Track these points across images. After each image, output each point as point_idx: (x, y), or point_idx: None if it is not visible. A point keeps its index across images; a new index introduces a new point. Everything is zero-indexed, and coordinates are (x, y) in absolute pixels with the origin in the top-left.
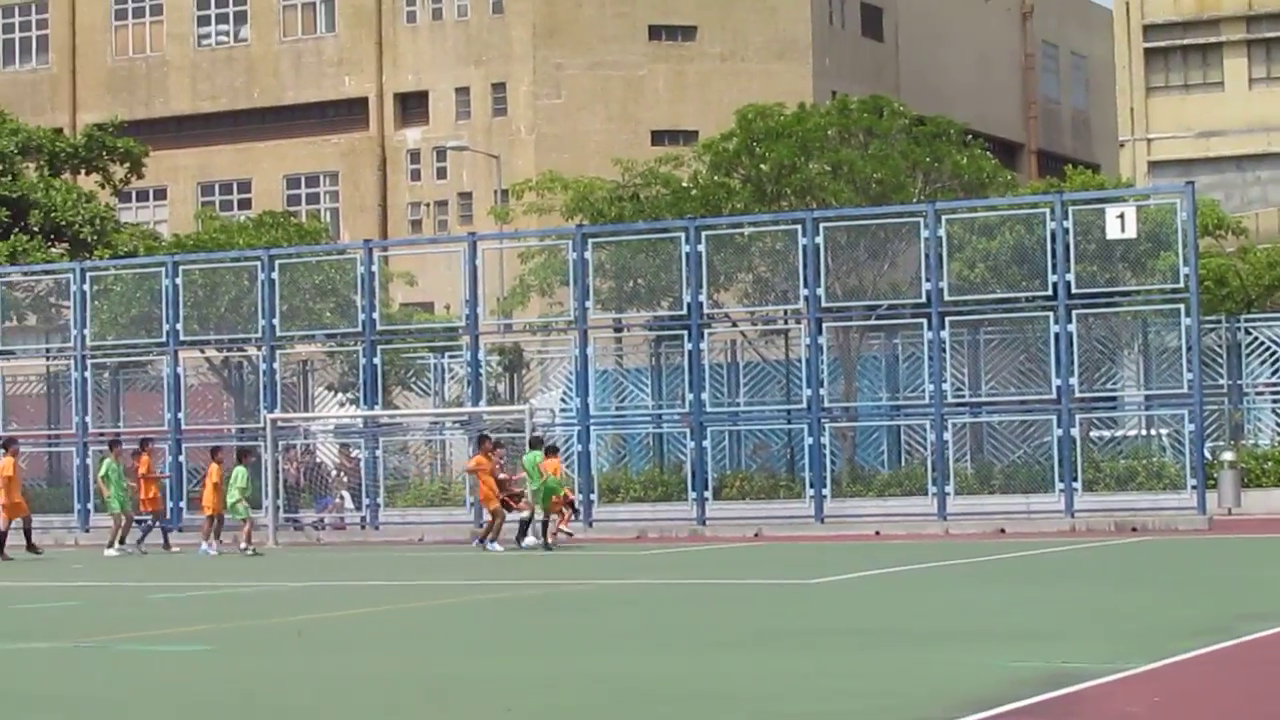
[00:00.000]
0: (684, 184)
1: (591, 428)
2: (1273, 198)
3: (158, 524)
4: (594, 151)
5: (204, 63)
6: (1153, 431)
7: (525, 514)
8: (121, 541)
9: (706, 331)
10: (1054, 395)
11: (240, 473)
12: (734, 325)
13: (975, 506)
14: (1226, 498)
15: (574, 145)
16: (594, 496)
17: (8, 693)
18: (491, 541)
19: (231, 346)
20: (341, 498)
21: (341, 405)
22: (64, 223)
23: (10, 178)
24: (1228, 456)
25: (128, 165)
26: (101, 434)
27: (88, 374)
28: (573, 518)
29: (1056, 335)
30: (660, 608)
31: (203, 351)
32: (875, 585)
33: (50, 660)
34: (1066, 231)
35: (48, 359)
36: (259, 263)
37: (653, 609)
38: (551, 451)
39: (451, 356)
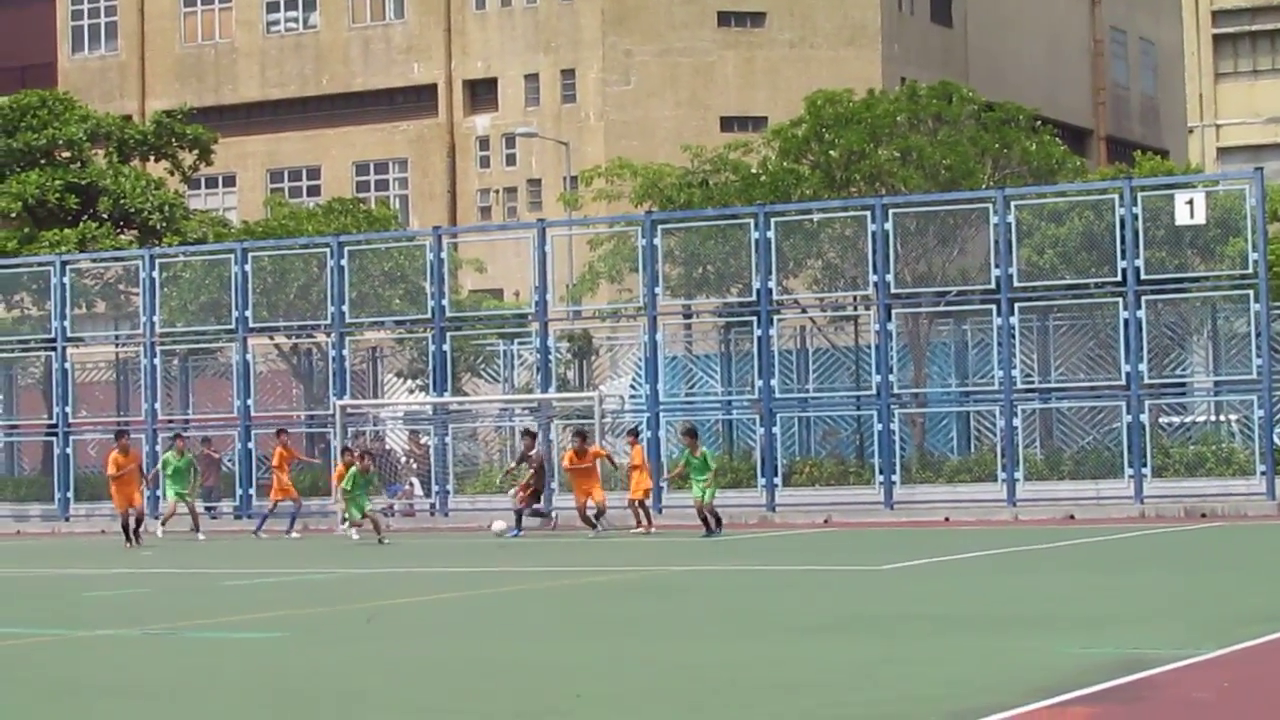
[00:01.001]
0: (753, 170)
1: (661, 414)
2: None
3: (292, 512)
4: (663, 138)
5: (273, 49)
6: (1221, 417)
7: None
8: (164, 524)
9: (776, 318)
10: (1123, 381)
11: (351, 474)
12: (803, 311)
13: (1045, 492)
14: None
15: (643, 132)
16: (664, 483)
17: (76, 681)
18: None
19: (301, 333)
20: (411, 485)
21: (411, 392)
22: (133, 210)
23: (79, 165)
24: None
25: (196, 152)
26: (171, 421)
27: (157, 361)
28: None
29: (1126, 321)
30: (730, 594)
31: (272, 338)
32: (945, 571)
33: (119, 648)
34: (1136, 217)
35: (117, 346)
36: (328, 249)
37: (723, 595)
38: (633, 433)
39: (521, 343)
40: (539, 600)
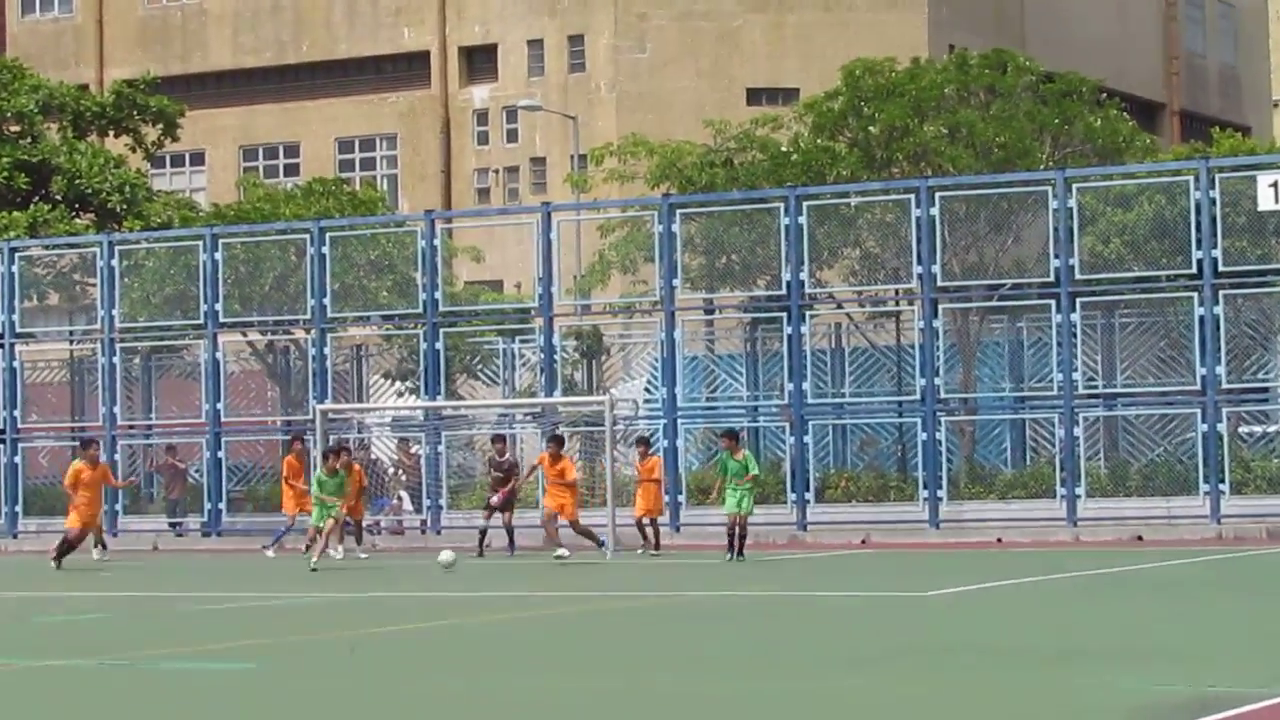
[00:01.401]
0: (783, 148)
1: (679, 421)
2: None
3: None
4: (682, 112)
5: (247, 12)
6: None
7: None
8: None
9: (808, 314)
10: (1198, 386)
11: (315, 477)
12: (839, 307)
13: (1109, 510)
14: None
15: (660, 105)
16: (682, 498)
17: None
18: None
19: (277, 329)
20: (399, 499)
21: (400, 395)
22: (90, 190)
23: (30, 140)
24: None
25: (161, 126)
26: (132, 427)
27: (116, 359)
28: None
29: (1201, 318)
30: (758, 622)
31: (245, 335)
32: (998, 598)
33: (73, 681)
34: (1213, 202)
35: (71, 343)
36: (308, 235)
37: (748, 625)
38: (643, 443)
39: (523, 341)
40: (544, 628)
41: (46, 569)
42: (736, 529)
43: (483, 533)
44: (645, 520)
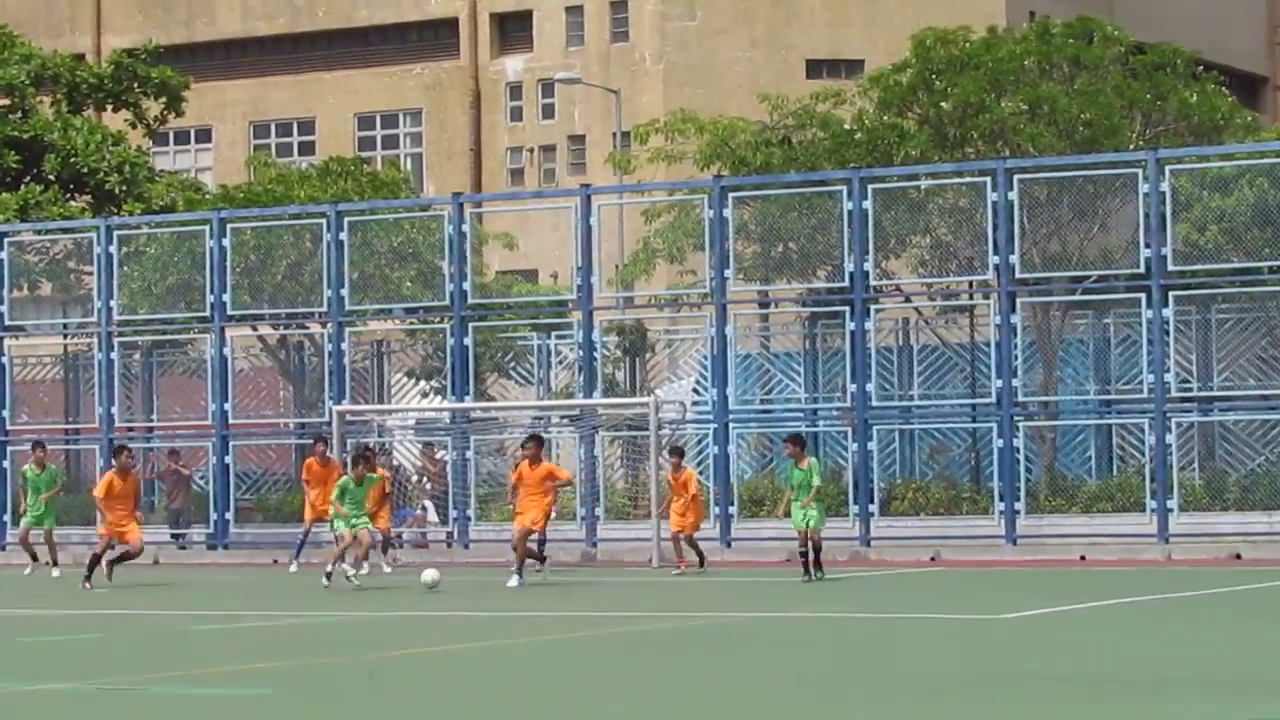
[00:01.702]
0: (846, 126)
1: (731, 425)
2: None
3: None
4: (735, 86)
5: None
6: None
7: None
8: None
9: (873, 308)
10: None
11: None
12: (907, 300)
13: (1205, 526)
14: None
15: (711, 78)
16: (734, 510)
17: None
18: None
19: (290, 323)
20: (423, 509)
21: (424, 396)
22: (86, 170)
23: (21, 115)
24: None
25: (164, 100)
26: (131, 429)
27: (114, 355)
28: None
29: None
30: (816, 648)
31: (255, 329)
32: (1081, 622)
33: (70, 707)
34: None
35: (66, 337)
36: (324, 220)
37: (807, 649)
38: (677, 453)
39: (559, 337)
40: (581, 651)
41: (43, 582)
42: (810, 546)
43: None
44: (681, 537)
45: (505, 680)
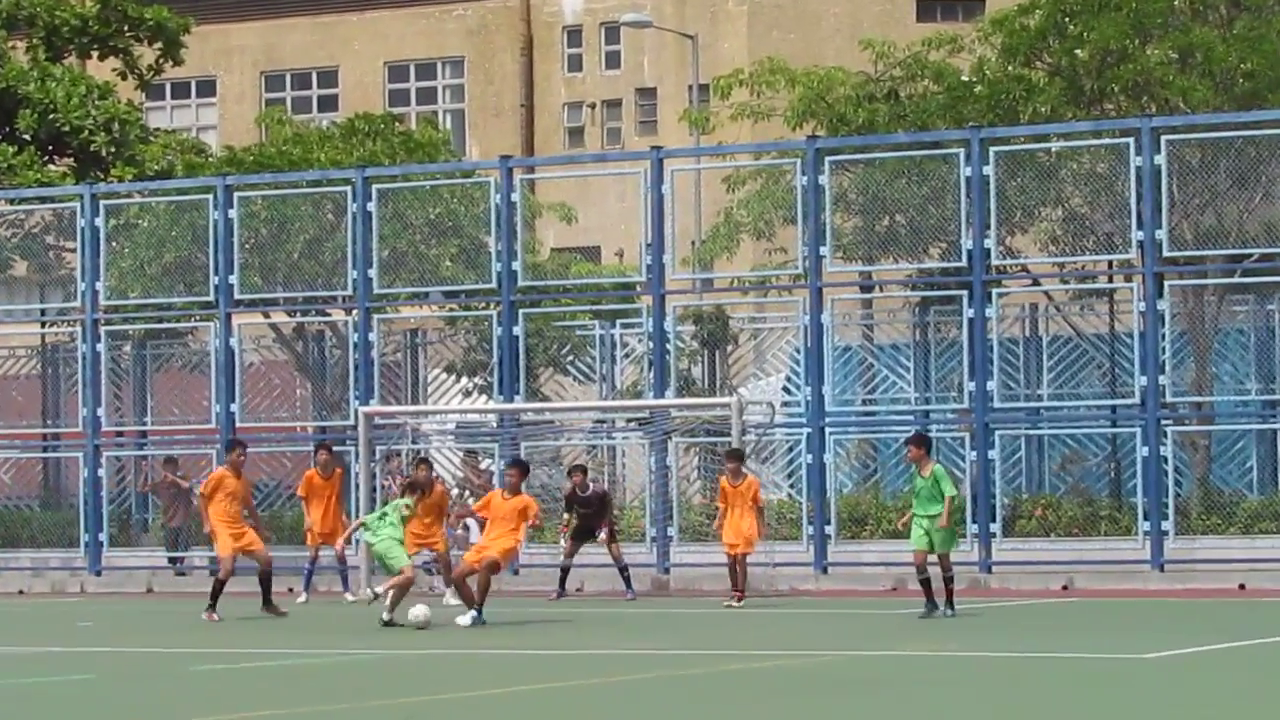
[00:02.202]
0: (964, 77)
1: (828, 430)
2: None
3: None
4: (833, 31)
5: None
6: None
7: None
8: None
9: (995, 292)
10: None
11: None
12: (1035, 283)
13: None
14: None
15: (804, 21)
16: (830, 529)
17: None
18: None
19: (308, 309)
20: (465, 528)
21: (467, 395)
22: (67, 128)
23: None
24: None
25: (160, 46)
26: (120, 432)
27: (101, 347)
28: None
29: None
30: (926, 691)
31: (267, 316)
32: (1239, 661)
33: None
34: None
35: (43, 325)
36: (349, 188)
37: (915, 692)
38: (736, 458)
39: (625, 326)
40: (651, 696)
41: (19, 614)
42: (932, 572)
43: (565, 571)
44: (737, 558)
45: None
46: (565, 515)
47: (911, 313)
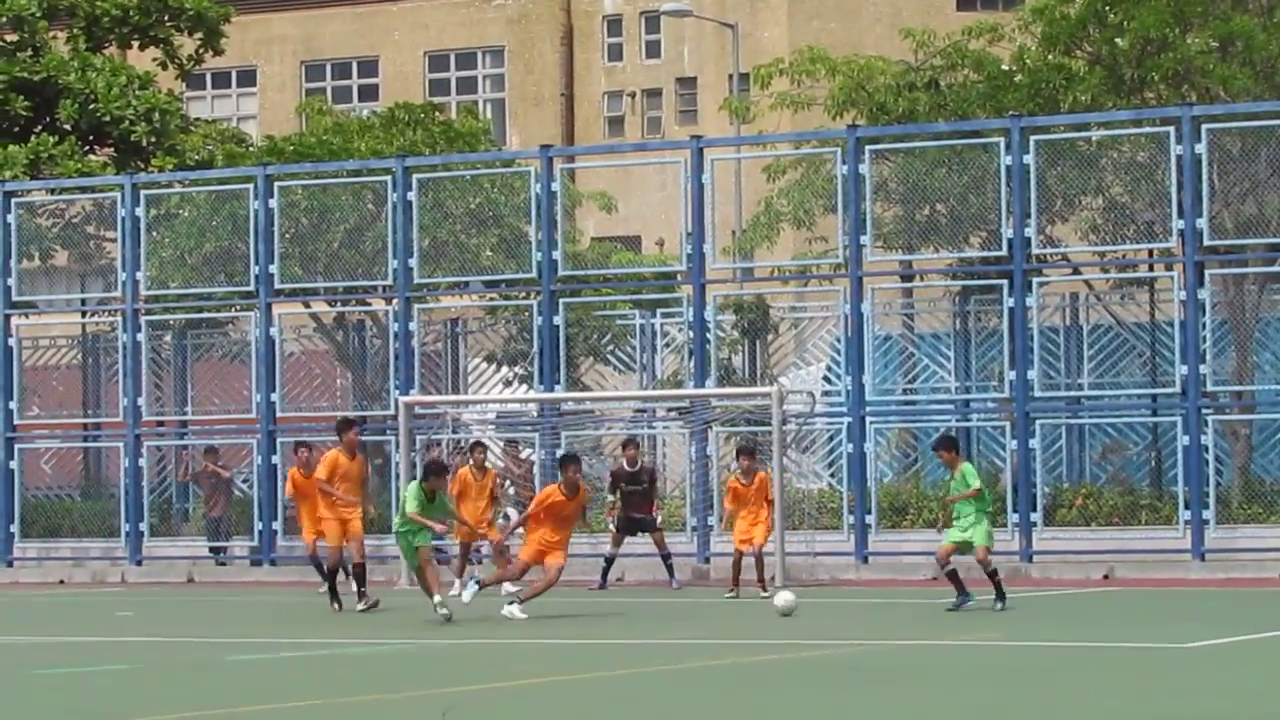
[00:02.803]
0: (1004, 66)
1: (868, 420)
2: None
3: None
4: (873, 20)
5: None
6: None
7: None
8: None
9: (1036, 281)
10: None
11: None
12: (1076, 272)
13: None
14: None
15: (845, 10)
16: (871, 519)
17: None
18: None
19: (349, 299)
20: (506, 517)
21: (507, 385)
22: (108, 118)
23: (31, 53)
24: None
25: (200, 36)
26: (161, 423)
27: (141, 337)
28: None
29: None
30: (968, 681)
31: (307, 305)
32: (1278, 653)
33: None
34: None
35: (84, 315)
36: (389, 178)
37: (958, 683)
38: (747, 454)
39: (666, 315)
40: (693, 685)
41: (56, 604)
42: (984, 567)
43: (609, 561)
44: (750, 552)
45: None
46: (609, 499)
47: (952, 302)
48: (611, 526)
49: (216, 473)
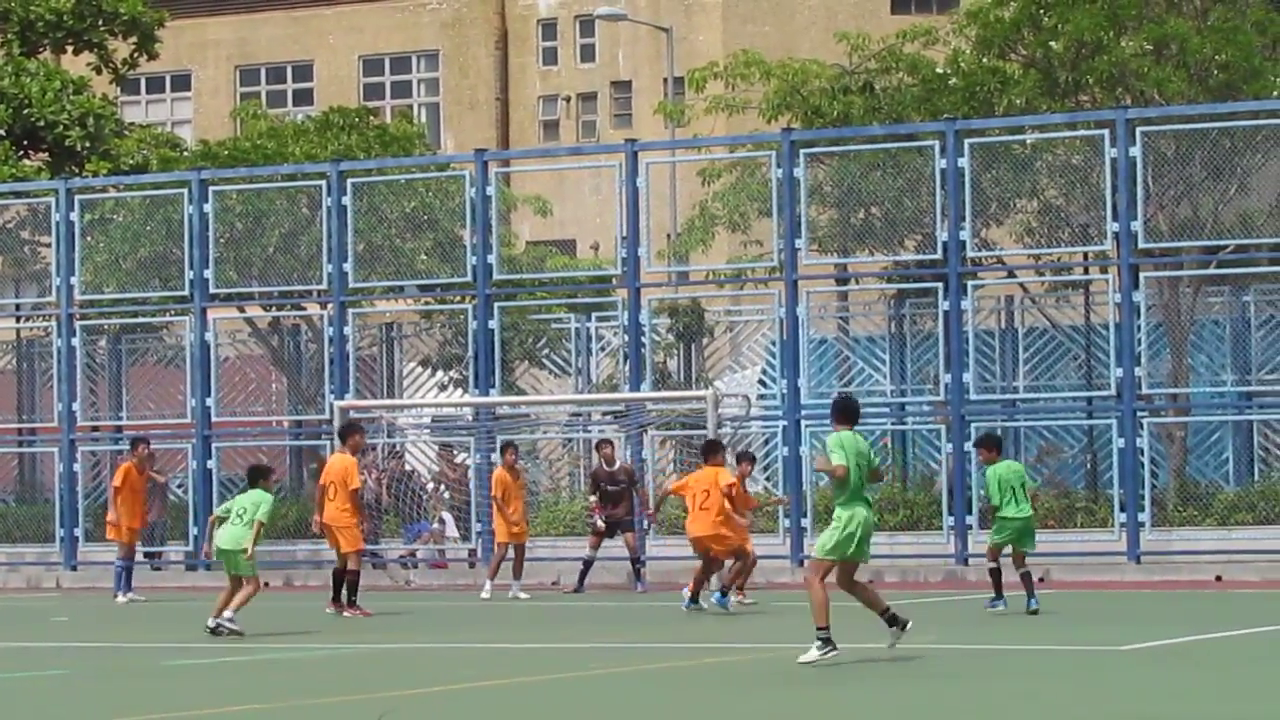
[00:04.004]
0: (939, 69)
1: (803, 423)
2: None
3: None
4: (808, 23)
5: None
6: None
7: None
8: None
9: (971, 284)
10: None
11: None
12: (1011, 275)
13: None
14: None
15: (779, 14)
16: (807, 522)
17: None
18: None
19: (284, 303)
20: (441, 522)
21: (442, 389)
22: (42, 123)
23: None
24: None
25: (134, 40)
26: (96, 427)
27: (76, 342)
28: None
29: None
30: (901, 683)
31: (242, 310)
32: (1214, 654)
33: None
34: None
35: (18, 321)
36: (324, 182)
37: (891, 685)
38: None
39: (601, 319)
40: (626, 689)
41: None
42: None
43: (587, 565)
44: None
45: None
46: (592, 498)
47: (887, 305)
48: (599, 523)
49: (151, 478)
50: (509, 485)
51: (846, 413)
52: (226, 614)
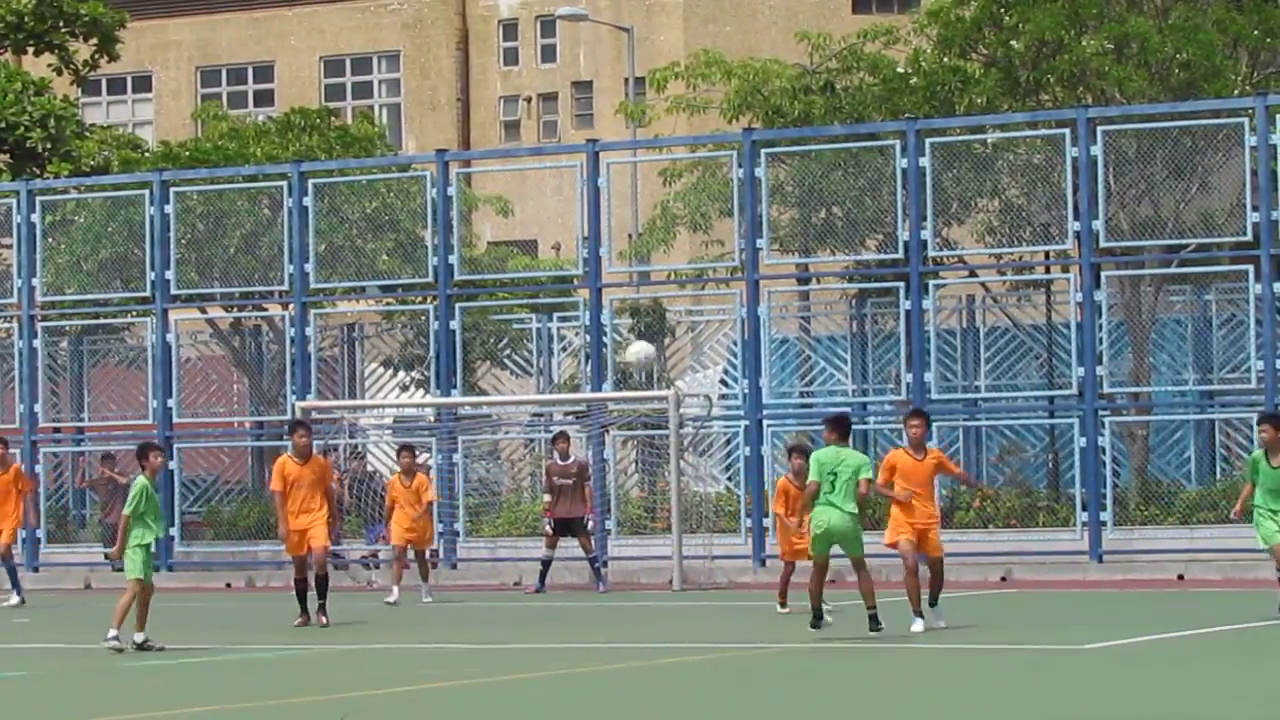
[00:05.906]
0: (900, 69)
1: (765, 422)
2: None
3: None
4: (769, 23)
5: None
6: None
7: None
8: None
9: (932, 283)
10: None
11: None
12: (972, 275)
13: None
14: None
15: (740, 14)
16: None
17: None
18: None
19: (245, 304)
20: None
21: (404, 390)
22: (3, 124)
23: None
24: None
25: (95, 41)
26: (58, 429)
27: (37, 343)
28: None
29: None
30: (863, 683)
31: (204, 311)
32: (1176, 653)
33: None
34: None
35: None
36: (285, 183)
37: (853, 685)
38: (801, 454)
39: (563, 319)
40: (585, 689)
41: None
42: None
43: (545, 564)
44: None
45: None
46: (545, 497)
47: (849, 305)
48: (547, 527)
49: (113, 479)
50: (400, 491)
51: (831, 426)
52: (137, 637)
